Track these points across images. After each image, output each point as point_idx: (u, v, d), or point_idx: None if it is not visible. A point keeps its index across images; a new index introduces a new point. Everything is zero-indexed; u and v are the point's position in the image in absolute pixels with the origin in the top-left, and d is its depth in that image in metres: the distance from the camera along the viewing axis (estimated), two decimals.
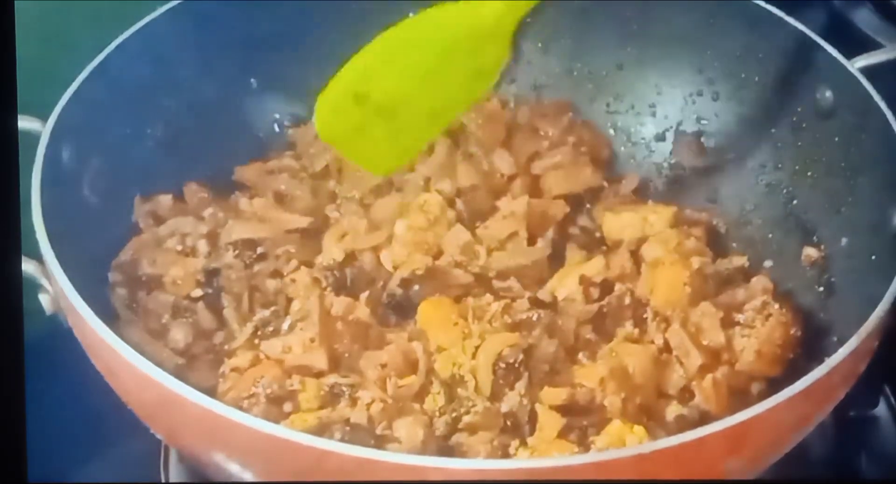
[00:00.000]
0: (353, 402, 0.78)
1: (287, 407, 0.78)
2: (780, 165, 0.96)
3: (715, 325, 0.83)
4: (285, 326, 0.84)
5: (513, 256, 0.90)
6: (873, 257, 0.82)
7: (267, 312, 0.85)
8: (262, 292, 0.88)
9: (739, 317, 0.85)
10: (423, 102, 0.85)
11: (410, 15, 1.04)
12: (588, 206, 0.99)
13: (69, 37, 0.97)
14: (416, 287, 0.86)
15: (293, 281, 0.87)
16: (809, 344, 0.84)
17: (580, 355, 0.83)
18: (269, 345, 0.82)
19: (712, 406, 0.80)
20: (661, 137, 1.04)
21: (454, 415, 0.78)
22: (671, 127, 1.03)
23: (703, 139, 1.02)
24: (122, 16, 0.92)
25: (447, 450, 0.77)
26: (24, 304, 0.69)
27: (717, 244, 0.95)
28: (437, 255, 0.89)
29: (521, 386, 0.79)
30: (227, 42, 0.97)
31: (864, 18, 1.09)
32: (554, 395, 0.79)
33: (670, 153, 1.03)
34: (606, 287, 0.88)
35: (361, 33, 1.04)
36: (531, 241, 0.92)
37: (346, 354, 0.82)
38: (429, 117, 0.86)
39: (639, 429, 0.76)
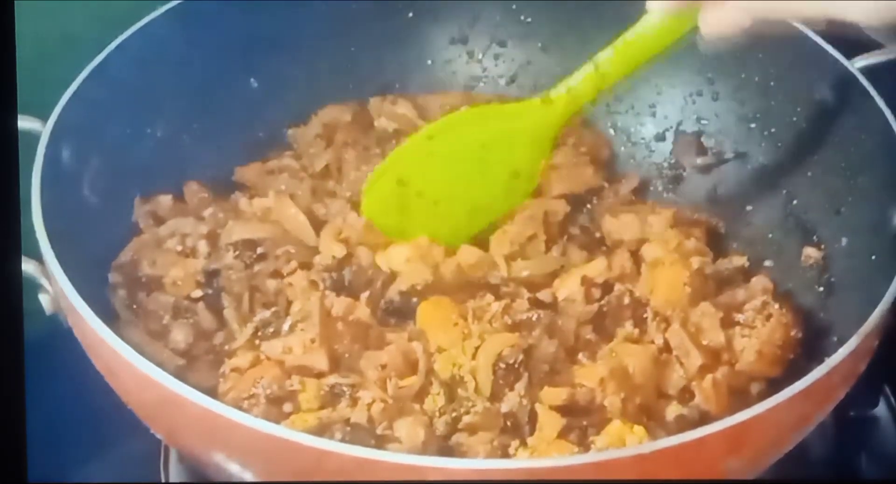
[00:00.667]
0: (354, 402, 0.78)
1: (287, 407, 0.78)
2: (780, 165, 0.96)
3: (715, 325, 0.83)
4: (286, 326, 0.84)
5: (537, 265, 0.90)
6: (873, 257, 0.82)
7: (267, 313, 0.85)
8: (263, 293, 0.88)
9: (739, 317, 0.85)
10: (461, 197, 0.89)
11: (410, 15, 1.05)
12: (588, 206, 0.98)
13: (69, 37, 0.97)
14: (415, 300, 0.86)
15: (290, 285, 0.87)
16: (809, 344, 0.84)
17: (580, 355, 0.83)
18: (270, 345, 0.82)
19: (712, 406, 0.80)
20: (661, 137, 1.04)
21: (454, 415, 0.78)
22: (671, 127, 1.03)
23: (703, 139, 1.02)
24: (122, 16, 0.92)
25: (447, 450, 0.77)
26: (24, 304, 0.69)
27: (717, 244, 0.95)
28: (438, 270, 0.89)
29: (520, 386, 0.79)
30: (227, 42, 0.97)
31: None
32: (554, 395, 0.79)
33: (670, 153, 1.03)
34: (607, 288, 0.88)
35: (361, 34, 1.05)
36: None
37: (347, 355, 0.82)
38: (468, 214, 0.90)
39: (639, 429, 0.76)
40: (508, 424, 0.78)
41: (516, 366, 0.80)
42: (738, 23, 0.70)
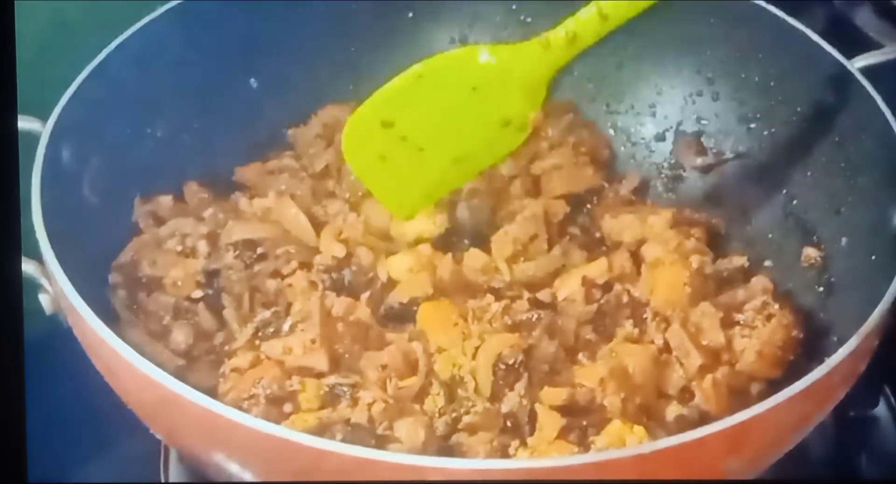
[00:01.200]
0: (354, 402, 0.78)
1: (287, 408, 0.78)
2: (780, 165, 0.96)
3: (715, 325, 0.83)
4: (286, 326, 0.84)
5: (538, 266, 0.90)
6: (873, 257, 0.82)
7: (268, 313, 0.85)
8: (263, 293, 0.88)
9: (739, 317, 0.85)
10: (448, 143, 0.85)
11: (410, 15, 1.05)
12: (588, 206, 0.98)
13: (69, 37, 0.97)
14: (415, 307, 0.86)
15: (290, 286, 0.87)
16: (809, 344, 0.84)
17: (580, 356, 0.83)
18: (270, 346, 0.82)
19: (712, 406, 0.80)
20: (661, 137, 1.04)
21: (454, 415, 0.78)
22: (671, 127, 1.03)
23: (703, 139, 1.02)
24: (122, 16, 0.92)
25: (447, 450, 0.77)
26: (24, 304, 0.69)
27: (717, 244, 0.95)
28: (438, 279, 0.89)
29: (520, 386, 0.79)
30: (227, 42, 0.97)
31: (864, 18, 1.09)
32: (554, 395, 0.79)
33: (670, 153, 1.03)
34: (608, 288, 0.88)
35: (361, 34, 1.04)
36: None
37: (347, 355, 0.82)
38: (454, 162, 0.86)
39: (639, 429, 0.76)
40: (508, 424, 0.78)
41: (516, 366, 0.80)
42: None
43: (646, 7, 0.78)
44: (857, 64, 0.89)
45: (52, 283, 0.77)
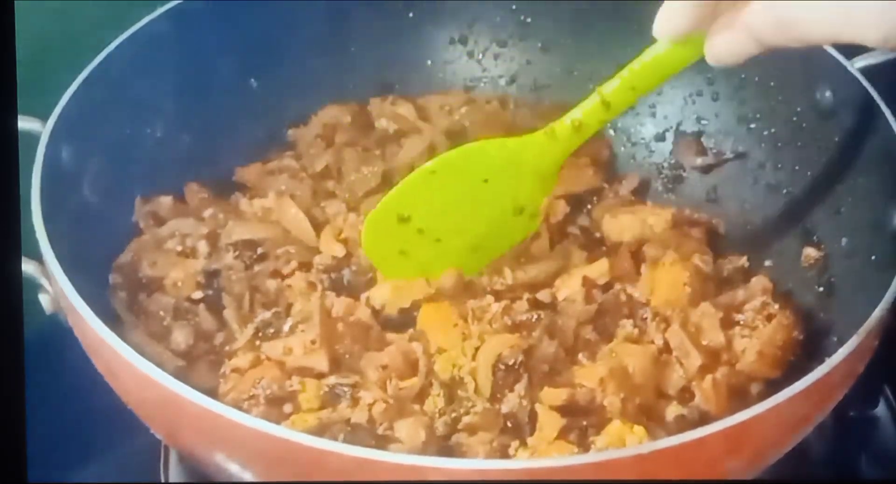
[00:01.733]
0: (355, 402, 0.78)
1: (287, 408, 0.78)
2: (780, 165, 0.96)
3: (715, 325, 0.83)
4: (286, 327, 0.84)
5: (539, 267, 0.90)
6: (873, 257, 0.82)
7: (268, 314, 0.85)
8: (263, 293, 0.88)
9: (739, 317, 0.85)
10: (464, 233, 0.86)
11: (410, 15, 1.05)
12: (588, 206, 0.98)
13: (69, 37, 0.97)
14: (415, 313, 0.86)
15: (289, 286, 0.87)
16: (809, 344, 0.84)
17: (580, 356, 0.83)
18: (270, 346, 0.82)
19: (712, 406, 0.80)
20: (661, 137, 1.04)
21: (454, 416, 0.78)
22: (671, 127, 1.03)
23: (703, 139, 1.02)
24: (122, 16, 0.92)
25: (447, 450, 0.77)
26: (24, 304, 0.69)
27: (717, 244, 0.95)
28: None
29: (520, 387, 0.79)
30: (227, 42, 0.97)
31: None
32: (554, 395, 0.79)
33: (670, 153, 1.03)
34: (608, 289, 0.88)
35: (361, 34, 1.04)
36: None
37: (347, 356, 0.82)
38: (471, 250, 0.87)
39: (639, 429, 0.76)
40: (508, 424, 0.78)
41: (516, 366, 0.79)
42: (746, 50, 0.68)
43: (648, 93, 0.80)
44: (857, 64, 0.89)
45: (52, 283, 0.77)
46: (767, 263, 0.94)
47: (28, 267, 0.78)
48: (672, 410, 0.80)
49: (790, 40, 0.65)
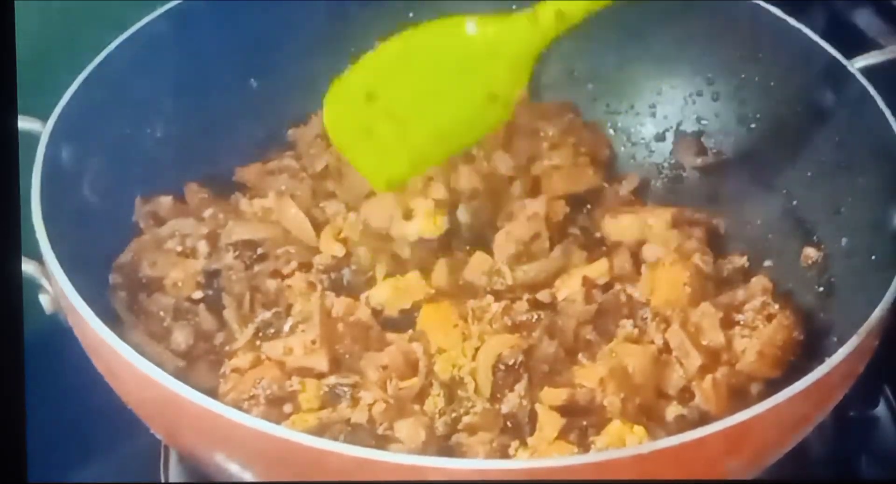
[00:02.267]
0: (355, 402, 0.78)
1: (287, 408, 0.78)
2: (779, 165, 0.96)
3: (715, 325, 0.83)
4: (286, 327, 0.84)
5: (539, 267, 0.90)
6: (873, 257, 0.82)
7: (268, 314, 0.85)
8: (263, 293, 0.88)
9: (739, 317, 0.85)
10: (433, 117, 0.83)
11: (410, 15, 1.05)
12: (588, 206, 0.98)
13: (69, 37, 0.97)
14: (415, 314, 0.86)
15: (289, 286, 0.87)
16: (809, 344, 0.84)
17: (580, 356, 0.83)
18: (270, 346, 0.82)
19: (712, 406, 0.80)
20: (661, 137, 1.04)
21: (454, 416, 0.78)
22: (671, 127, 1.03)
23: (703, 139, 1.02)
24: (122, 16, 0.92)
25: (447, 450, 0.77)
26: (24, 304, 0.69)
27: (717, 244, 0.95)
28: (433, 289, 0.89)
29: (520, 387, 0.79)
30: (227, 42, 0.97)
31: (864, 18, 1.09)
32: (554, 395, 0.79)
33: (670, 153, 1.03)
34: (608, 289, 0.88)
35: (361, 34, 1.04)
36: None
37: (347, 356, 0.82)
38: (438, 137, 0.84)
39: (639, 429, 0.76)
40: (508, 424, 0.78)
41: (516, 367, 0.80)
42: None
43: None
44: (857, 64, 0.89)
45: (52, 283, 0.77)
46: (767, 263, 0.94)
47: (28, 267, 0.78)
48: (672, 410, 0.80)
49: None
